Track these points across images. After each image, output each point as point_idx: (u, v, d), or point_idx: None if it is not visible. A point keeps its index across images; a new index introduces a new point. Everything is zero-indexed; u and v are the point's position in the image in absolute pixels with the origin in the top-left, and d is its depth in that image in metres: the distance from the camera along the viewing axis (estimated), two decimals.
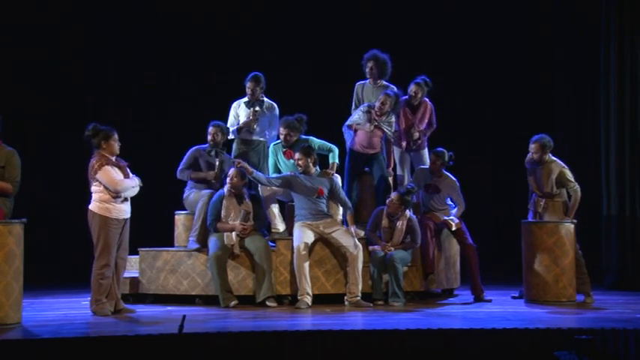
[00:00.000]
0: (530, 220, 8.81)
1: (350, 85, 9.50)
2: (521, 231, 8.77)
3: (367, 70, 9.40)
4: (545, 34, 11.87)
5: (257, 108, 9.16)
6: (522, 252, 8.71)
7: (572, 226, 8.62)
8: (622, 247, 10.29)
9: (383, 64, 9.35)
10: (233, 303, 8.22)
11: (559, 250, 8.49)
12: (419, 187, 8.96)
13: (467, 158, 9.39)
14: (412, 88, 9.29)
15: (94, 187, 7.71)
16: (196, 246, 8.62)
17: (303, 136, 9.00)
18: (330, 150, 8.99)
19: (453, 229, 8.83)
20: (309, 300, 8.26)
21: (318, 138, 9.03)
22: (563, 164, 8.78)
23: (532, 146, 8.77)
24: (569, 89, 11.43)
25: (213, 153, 8.95)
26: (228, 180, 8.56)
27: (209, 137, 8.99)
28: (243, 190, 8.59)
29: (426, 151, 9.42)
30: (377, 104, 8.99)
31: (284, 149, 8.98)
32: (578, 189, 8.74)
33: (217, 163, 8.90)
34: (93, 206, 7.71)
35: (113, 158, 7.72)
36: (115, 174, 7.65)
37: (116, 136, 7.79)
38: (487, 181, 11.51)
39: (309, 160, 8.57)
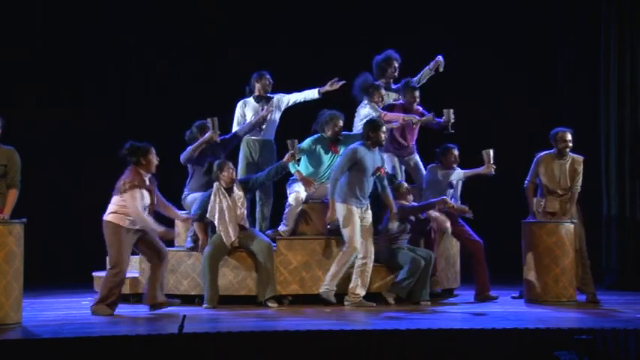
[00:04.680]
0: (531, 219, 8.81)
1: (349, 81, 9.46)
2: (521, 231, 8.77)
3: (390, 70, 9.37)
4: (546, 33, 11.88)
5: (271, 108, 9.18)
6: (522, 252, 8.71)
7: (572, 226, 8.63)
8: (622, 247, 10.29)
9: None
10: (212, 305, 8.18)
11: (559, 250, 8.49)
12: (434, 184, 8.92)
13: (466, 159, 9.36)
14: (416, 93, 9.21)
15: (116, 198, 7.74)
16: (192, 245, 8.61)
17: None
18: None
19: (469, 216, 8.83)
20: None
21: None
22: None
23: (567, 137, 8.73)
24: (570, 89, 11.44)
25: (209, 120, 8.84)
26: (219, 175, 8.49)
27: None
28: (233, 183, 8.55)
29: (416, 156, 9.37)
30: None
31: (329, 141, 8.86)
32: (579, 189, 8.78)
33: (211, 123, 8.80)
34: (108, 216, 7.73)
35: (147, 177, 7.77)
36: (139, 201, 7.64)
37: (154, 151, 7.85)
38: (487, 181, 11.51)
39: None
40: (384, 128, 8.36)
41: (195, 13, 11.98)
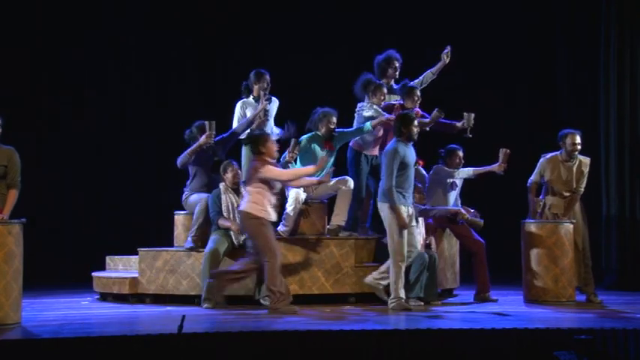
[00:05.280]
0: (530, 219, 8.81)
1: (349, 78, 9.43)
2: (520, 231, 8.77)
3: (391, 70, 9.34)
4: (546, 33, 11.89)
5: (267, 103, 9.15)
6: (522, 252, 8.71)
7: (572, 226, 8.63)
8: (622, 248, 10.29)
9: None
10: (210, 305, 8.19)
11: (558, 250, 8.49)
12: (439, 185, 8.92)
13: (466, 159, 9.36)
14: (418, 93, 9.16)
15: (251, 188, 7.78)
16: (192, 245, 8.62)
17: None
18: (360, 130, 8.89)
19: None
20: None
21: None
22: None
23: (576, 139, 8.67)
24: (569, 89, 11.44)
25: (206, 123, 8.80)
26: (223, 175, 8.57)
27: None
28: (239, 183, 8.58)
29: None
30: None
31: (323, 139, 8.84)
32: (583, 190, 8.78)
33: (208, 125, 8.74)
34: (247, 207, 7.78)
35: (273, 162, 7.88)
36: (275, 172, 7.84)
37: (271, 138, 7.95)
38: (486, 181, 11.51)
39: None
40: (415, 122, 8.19)
41: (195, 13, 11.99)
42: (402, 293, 8.03)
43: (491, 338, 6.39)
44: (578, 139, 8.71)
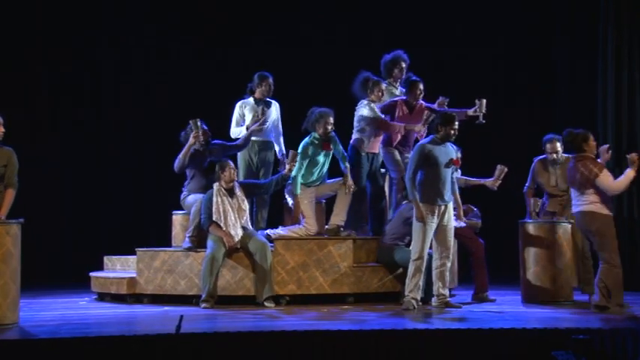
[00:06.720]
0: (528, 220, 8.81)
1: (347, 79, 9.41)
2: (518, 231, 8.76)
3: (397, 71, 9.30)
4: (546, 33, 11.88)
5: (265, 108, 9.16)
6: (520, 252, 8.70)
7: (569, 226, 8.63)
8: (620, 247, 10.24)
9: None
10: (210, 305, 8.20)
11: (556, 250, 8.49)
12: None
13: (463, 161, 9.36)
14: (420, 86, 9.12)
15: (590, 190, 7.63)
16: (189, 245, 8.61)
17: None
18: (345, 158, 8.89)
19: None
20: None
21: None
22: None
23: (556, 147, 8.70)
24: (568, 90, 11.43)
25: (190, 121, 8.83)
26: (220, 174, 8.52)
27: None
28: (233, 183, 8.56)
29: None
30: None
31: (321, 140, 8.79)
32: None
33: (199, 123, 8.74)
34: (591, 207, 7.64)
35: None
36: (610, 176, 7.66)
37: (591, 136, 7.77)
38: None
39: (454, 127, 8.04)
40: (455, 125, 8.04)
41: (195, 13, 12.00)
42: (416, 294, 8.01)
43: (489, 338, 6.39)
44: (558, 147, 8.72)
